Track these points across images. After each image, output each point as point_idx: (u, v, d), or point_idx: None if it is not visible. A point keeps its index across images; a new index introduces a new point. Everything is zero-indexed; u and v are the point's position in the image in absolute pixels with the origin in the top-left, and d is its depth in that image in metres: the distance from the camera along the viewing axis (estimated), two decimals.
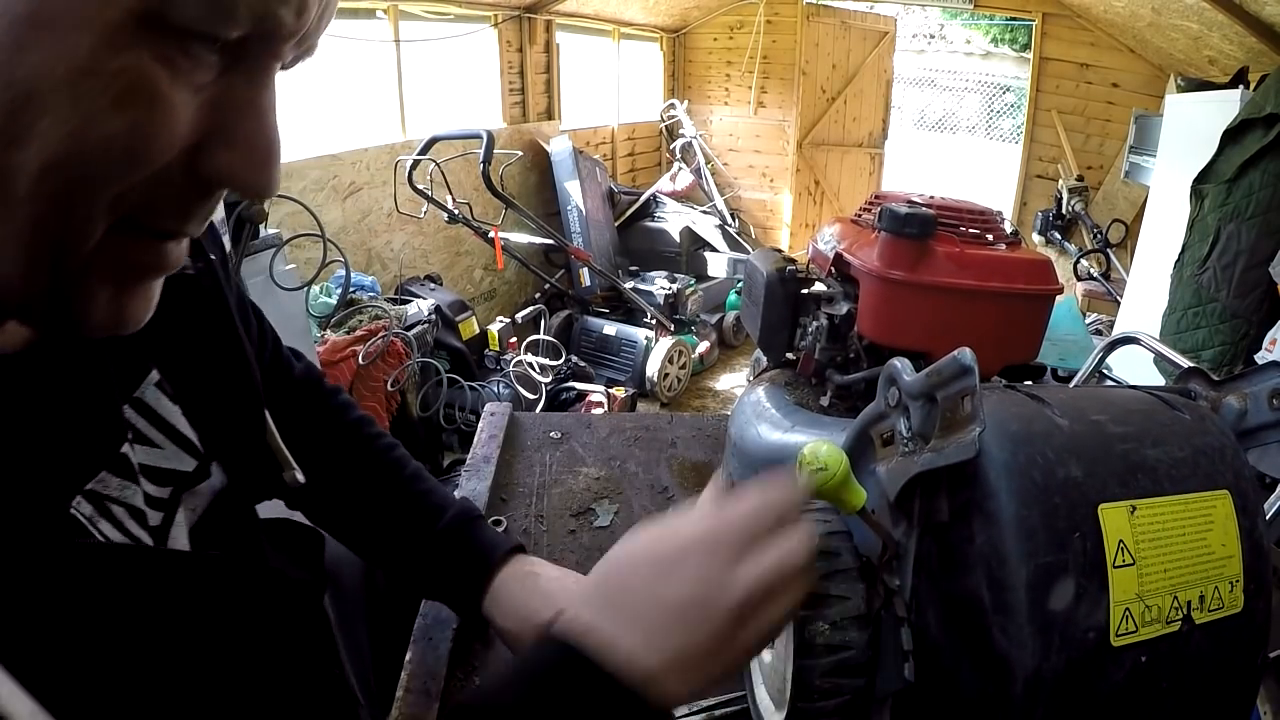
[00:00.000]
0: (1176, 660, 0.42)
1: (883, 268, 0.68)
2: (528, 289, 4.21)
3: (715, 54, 5.41)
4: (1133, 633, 0.40)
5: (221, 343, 0.50)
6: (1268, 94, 2.09)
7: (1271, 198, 2.03)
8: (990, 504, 0.41)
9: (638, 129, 5.31)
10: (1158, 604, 0.42)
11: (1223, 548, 0.44)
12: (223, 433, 0.48)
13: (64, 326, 0.31)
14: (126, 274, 0.32)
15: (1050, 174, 4.58)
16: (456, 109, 3.78)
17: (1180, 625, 0.42)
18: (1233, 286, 2.12)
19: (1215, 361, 2.13)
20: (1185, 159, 2.53)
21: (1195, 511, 0.44)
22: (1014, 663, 0.39)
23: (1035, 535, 0.40)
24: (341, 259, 2.20)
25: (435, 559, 0.63)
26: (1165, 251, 2.58)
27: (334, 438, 0.67)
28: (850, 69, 5.28)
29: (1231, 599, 0.44)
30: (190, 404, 0.46)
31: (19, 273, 0.28)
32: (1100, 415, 0.46)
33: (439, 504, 0.65)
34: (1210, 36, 3.06)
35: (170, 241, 0.33)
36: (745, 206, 5.56)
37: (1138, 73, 4.14)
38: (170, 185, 0.30)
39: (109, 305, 0.31)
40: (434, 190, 2.91)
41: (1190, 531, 0.44)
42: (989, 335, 0.69)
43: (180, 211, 0.31)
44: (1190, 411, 0.48)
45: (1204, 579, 0.44)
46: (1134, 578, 0.41)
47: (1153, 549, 0.42)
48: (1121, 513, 0.42)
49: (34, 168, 0.26)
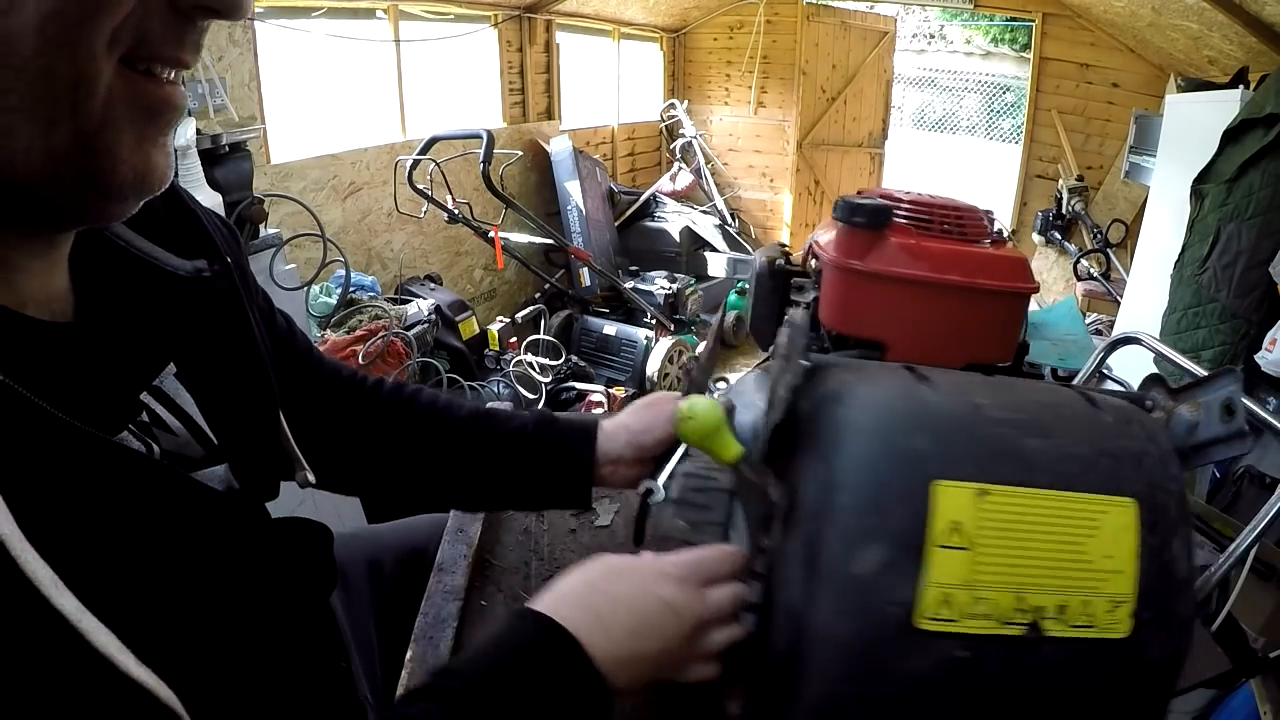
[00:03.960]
0: (1014, 670, 0.38)
1: (838, 256, 0.69)
2: (528, 289, 4.21)
3: (715, 54, 5.40)
4: (950, 621, 0.37)
5: (237, 343, 0.51)
6: (1268, 94, 2.09)
7: (1271, 198, 2.03)
8: (826, 463, 0.41)
9: (638, 129, 5.31)
10: (993, 599, 0.38)
11: (1108, 559, 0.39)
12: (235, 430, 0.49)
13: (95, 189, 0.33)
14: (142, 117, 0.34)
15: (1050, 174, 4.58)
16: (456, 109, 3.78)
17: (1024, 630, 0.38)
18: (1233, 286, 2.11)
19: (1215, 361, 2.13)
20: (1185, 159, 2.53)
21: (1075, 512, 0.39)
22: (808, 621, 0.39)
23: (855, 497, 0.39)
24: (341, 259, 2.20)
25: (545, 462, 0.67)
26: (1165, 251, 2.58)
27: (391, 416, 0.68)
28: (850, 69, 5.28)
29: (1110, 620, 0.38)
30: (205, 399, 0.47)
31: (40, 132, 0.31)
32: (986, 400, 0.43)
33: (518, 421, 0.69)
34: (1210, 36, 3.06)
35: (171, 81, 0.35)
36: (745, 206, 5.55)
37: (1138, 73, 4.14)
38: (156, 14, 0.32)
39: (133, 156, 0.34)
40: (434, 190, 2.90)
41: (1062, 532, 0.39)
42: (949, 330, 0.67)
43: (172, 38, 0.34)
44: (1116, 414, 0.44)
45: (1069, 588, 0.38)
46: (965, 563, 0.38)
47: (999, 538, 0.38)
48: (964, 493, 0.39)
49: (34, 22, 0.28)
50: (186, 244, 0.49)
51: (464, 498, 0.72)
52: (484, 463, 0.67)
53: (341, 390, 0.67)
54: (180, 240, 0.49)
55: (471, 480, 0.68)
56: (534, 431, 0.67)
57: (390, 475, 0.69)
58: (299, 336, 0.66)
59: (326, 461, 0.61)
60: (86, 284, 0.42)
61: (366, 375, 0.70)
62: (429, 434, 0.67)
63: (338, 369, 0.69)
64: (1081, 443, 0.42)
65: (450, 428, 0.68)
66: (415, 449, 0.67)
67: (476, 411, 0.69)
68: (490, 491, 0.69)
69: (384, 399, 0.68)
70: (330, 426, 0.65)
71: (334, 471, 0.65)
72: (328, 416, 0.65)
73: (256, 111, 2.52)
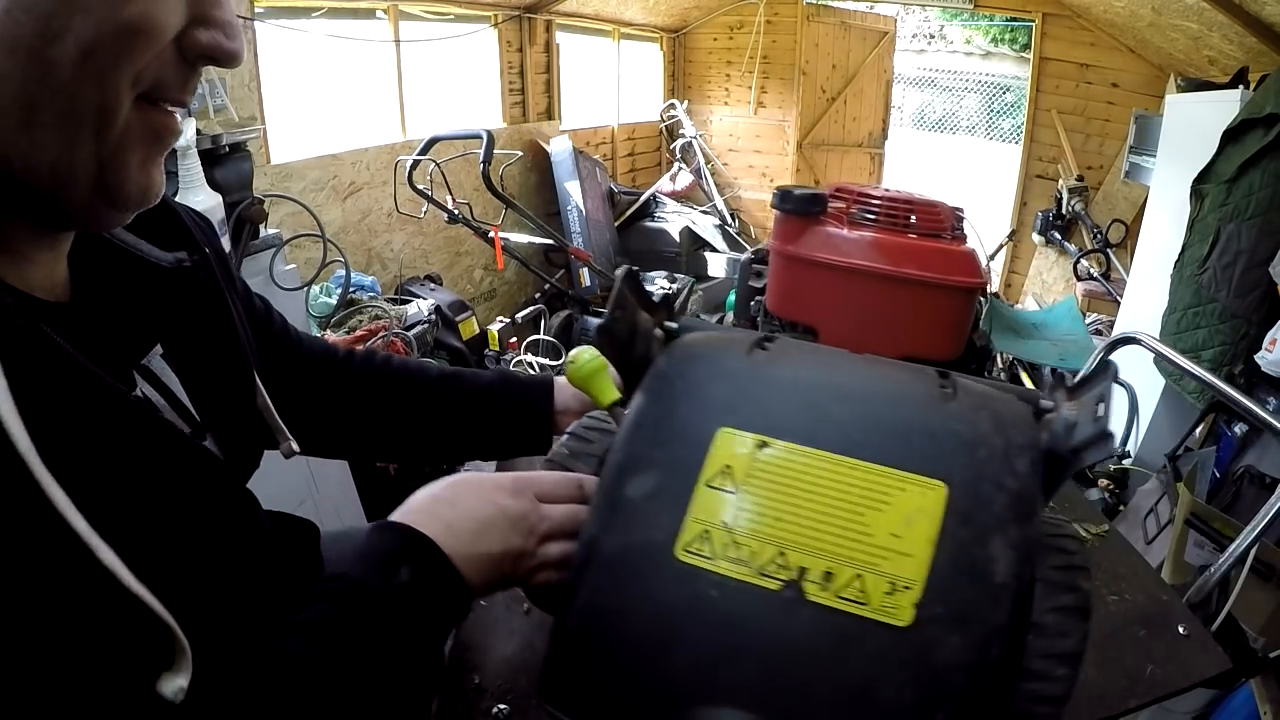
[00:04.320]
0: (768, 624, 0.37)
1: (774, 242, 0.71)
2: (528, 289, 4.21)
3: (715, 54, 5.40)
4: (707, 558, 0.38)
5: (217, 326, 0.56)
6: (1268, 94, 2.09)
7: (1271, 198, 2.03)
8: (636, 401, 0.45)
9: (638, 129, 5.31)
10: (752, 547, 0.38)
11: (894, 538, 0.37)
12: (217, 405, 0.54)
13: (105, 201, 0.39)
14: (149, 142, 0.40)
15: (1050, 174, 4.58)
16: (456, 109, 3.78)
17: (781, 586, 0.37)
18: (1233, 286, 2.11)
19: (1215, 361, 2.13)
20: (1185, 159, 2.53)
21: (862, 481, 0.38)
22: (589, 534, 0.42)
23: (646, 431, 0.43)
24: (341, 259, 2.20)
25: (511, 414, 0.75)
26: (1165, 251, 2.58)
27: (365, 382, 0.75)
28: (850, 69, 5.28)
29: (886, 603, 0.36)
30: (188, 377, 0.53)
31: (65, 148, 0.36)
32: (815, 368, 0.44)
33: (484, 379, 0.77)
34: (1210, 36, 3.06)
35: (175, 114, 0.41)
36: (745, 206, 5.55)
37: (1138, 73, 4.14)
38: (169, 64, 0.38)
39: (138, 173, 0.40)
40: (434, 190, 2.90)
41: (841, 498, 0.38)
42: (879, 320, 0.67)
43: (179, 82, 0.40)
44: (972, 402, 0.42)
45: (839, 556, 0.37)
46: (726, 505, 0.39)
47: (768, 489, 0.39)
48: (745, 441, 0.40)
49: (73, 55, 0.34)
50: (168, 238, 0.54)
51: (437, 450, 0.79)
52: (455, 417, 0.75)
53: (318, 363, 0.74)
54: (162, 235, 0.53)
55: (444, 433, 0.76)
56: (499, 387, 0.75)
57: (369, 435, 0.76)
58: (275, 317, 0.72)
59: (309, 429, 0.68)
60: (81, 274, 0.47)
61: (339, 348, 0.76)
62: (402, 395, 0.75)
63: (313, 344, 0.75)
64: (902, 419, 0.41)
65: (421, 388, 0.75)
66: (390, 409, 0.74)
67: (444, 372, 0.77)
68: (461, 442, 0.77)
69: (357, 367, 0.75)
70: (309, 396, 0.71)
71: (317, 437, 0.72)
72: (307, 387, 0.71)
73: (256, 112, 2.51)
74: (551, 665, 0.41)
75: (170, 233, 0.54)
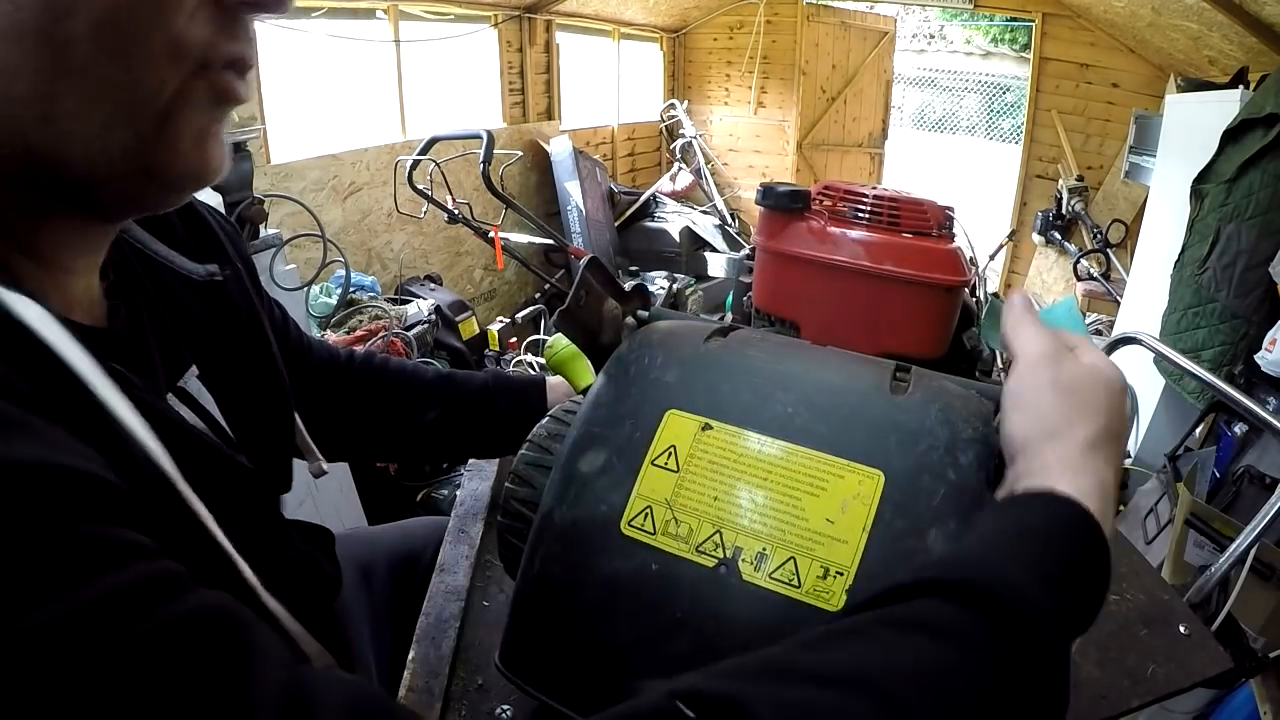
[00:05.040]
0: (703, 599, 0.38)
1: (759, 239, 0.71)
2: (528, 289, 4.21)
3: (715, 54, 5.40)
4: (649, 533, 0.40)
5: (252, 345, 0.53)
6: (1268, 94, 2.09)
7: (1271, 198, 2.03)
8: (597, 383, 0.47)
9: (638, 129, 5.31)
10: (690, 525, 0.39)
11: (828, 524, 0.37)
12: (253, 427, 0.51)
13: (154, 183, 0.35)
14: (203, 112, 0.35)
15: (1050, 174, 4.58)
16: (456, 109, 3.78)
17: (715, 564, 0.38)
18: (1233, 286, 2.11)
19: (1215, 361, 2.13)
20: (1185, 159, 2.53)
21: (799, 467, 0.39)
22: (540, 503, 0.43)
23: (602, 411, 0.44)
24: (341, 259, 2.20)
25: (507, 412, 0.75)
26: (1165, 251, 2.58)
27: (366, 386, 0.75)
28: (850, 69, 5.28)
29: (819, 586, 0.37)
30: (223, 398, 0.49)
31: (97, 134, 0.31)
32: (762, 355, 0.45)
33: (478, 379, 0.77)
34: (1210, 36, 3.06)
35: (233, 76, 0.36)
36: (745, 206, 5.55)
37: (1138, 73, 4.14)
38: (205, 20, 0.33)
39: (193, 149, 0.35)
40: (434, 190, 2.90)
41: (777, 482, 0.39)
42: (858, 316, 0.67)
43: (229, 37, 0.34)
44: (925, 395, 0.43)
45: (772, 539, 0.38)
46: (669, 484, 0.40)
47: (708, 470, 0.40)
48: (690, 424, 0.42)
49: (90, 30, 0.29)
50: (198, 248, 0.50)
51: (436, 450, 0.80)
52: (454, 418, 0.75)
53: (324, 368, 0.73)
54: (192, 244, 0.50)
55: (443, 434, 0.76)
56: (495, 388, 0.76)
57: (370, 437, 0.76)
58: (291, 324, 0.71)
59: (312, 432, 0.67)
60: (112, 287, 0.43)
61: (339, 351, 0.76)
62: (401, 397, 0.75)
63: (320, 349, 0.74)
64: (845, 409, 0.41)
65: (420, 390, 0.75)
66: (390, 412, 0.75)
67: (440, 374, 0.77)
68: (459, 442, 0.78)
69: (357, 371, 0.75)
70: (315, 401, 0.70)
71: (320, 440, 0.70)
72: (314, 393, 0.70)
73: (256, 111, 2.51)
74: (509, 634, 0.43)
75: (201, 242, 0.51)
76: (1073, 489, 0.37)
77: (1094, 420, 0.40)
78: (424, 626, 0.68)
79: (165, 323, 0.46)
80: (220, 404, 0.49)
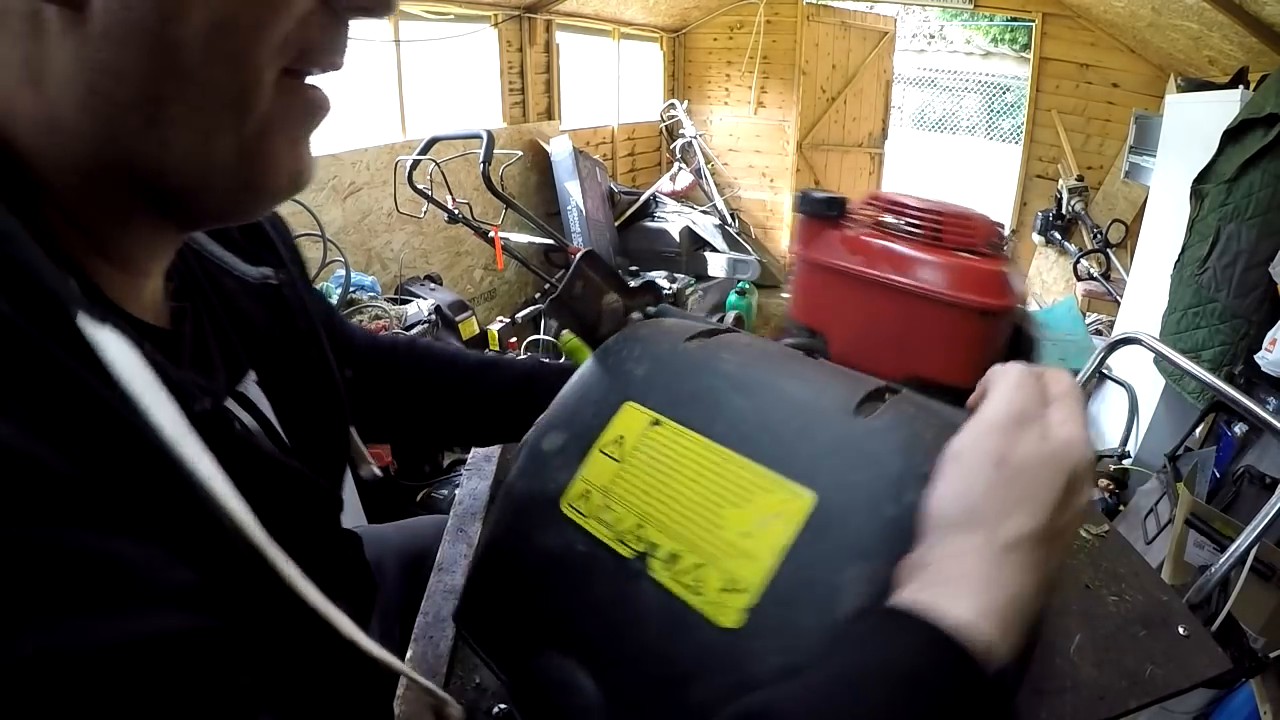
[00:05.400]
0: (616, 589, 0.38)
1: (794, 246, 0.70)
2: (528, 289, 4.21)
3: (715, 54, 5.40)
4: (582, 515, 0.41)
5: (306, 349, 0.52)
6: (1268, 94, 2.09)
7: (1271, 198, 2.03)
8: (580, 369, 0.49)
9: (638, 129, 5.31)
10: (619, 514, 0.40)
11: (744, 538, 0.36)
12: (308, 434, 0.51)
13: (250, 192, 0.34)
14: (297, 121, 0.35)
15: (1050, 174, 4.58)
16: (456, 109, 3.78)
17: (632, 555, 0.38)
18: (1233, 286, 2.11)
19: (1215, 361, 2.13)
20: (1185, 159, 2.53)
21: (731, 475, 0.38)
22: (508, 477, 0.46)
23: (570, 397, 0.47)
24: (341, 259, 2.20)
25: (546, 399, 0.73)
26: (1165, 251, 2.57)
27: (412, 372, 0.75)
28: (850, 69, 5.28)
29: (718, 599, 0.35)
30: (280, 405, 0.49)
31: (200, 141, 0.31)
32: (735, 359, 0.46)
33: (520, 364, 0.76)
34: (1210, 36, 3.06)
35: (322, 88, 0.36)
36: (745, 206, 5.55)
37: (1138, 73, 4.14)
38: (315, 23, 0.32)
39: (288, 157, 0.35)
40: (434, 190, 2.90)
41: (706, 487, 0.38)
42: (886, 333, 0.63)
43: (330, 45, 0.34)
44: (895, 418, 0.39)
45: (687, 542, 0.37)
46: (611, 471, 0.41)
47: (647, 464, 0.40)
48: (642, 417, 0.43)
49: (202, 33, 0.28)
50: (251, 250, 0.50)
51: (474, 434, 0.80)
52: (495, 403, 0.75)
53: (369, 355, 0.73)
54: (246, 246, 0.49)
55: (483, 419, 0.76)
56: (536, 374, 0.75)
57: (413, 422, 0.77)
58: (336, 316, 0.72)
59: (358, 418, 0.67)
60: (174, 288, 0.43)
61: (379, 337, 0.76)
62: (444, 382, 0.75)
63: (362, 336, 0.75)
64: (796, 423, 0.39)
65: (462, 375, 0.76)
66: (434, 397, 0.75)
67: (482, 360, 0.78)
68: (500, 427, 0.77)
69: (401, 356, 0.75)
70: (362, 388, 0.70)
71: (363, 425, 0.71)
72: (361, 380, 0.70)
73: None
74: (464, 591, 0.46)
75: (254, 243, 0.50)
76: (968, 610, 0.30)
77: (1032, 516, 0.33)
78: (422, 625, 0.68)
79: (224, 326, 0.45)
80: (277, 411, 0.48)
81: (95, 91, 0.29)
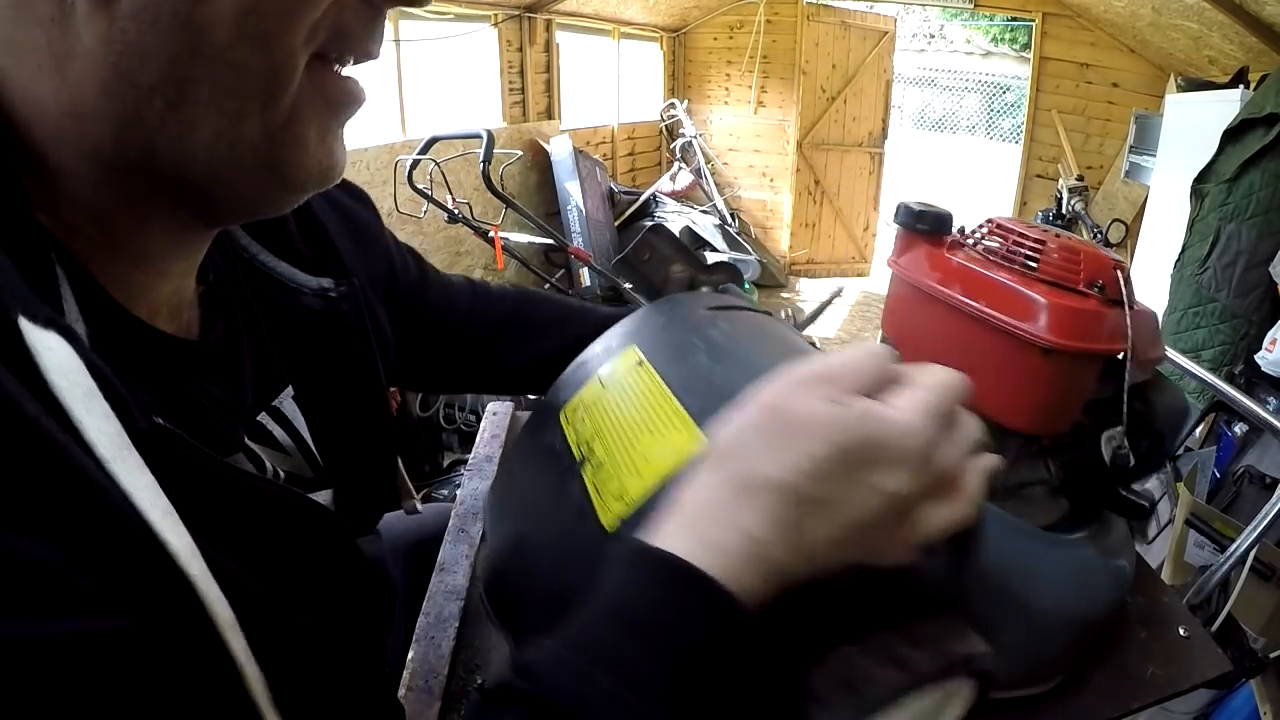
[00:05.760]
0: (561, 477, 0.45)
1: (889, 258, 0.68)
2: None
3: (715, 54, 5.40)
4: (566, 422, 0.48)
5: (356, 370, 0.50)
6: (1268, 94, 2.10)
7: (1271, 198, 2.03)
8: None
9: (638, 129, 5.31)
10: (585, 425, 0.46)
11: (644, 461, 0.42)
12: (345, 458, 0.48)
13: (277, 182, 0.33)
14: (327, 110, 0.34)
15: (1050, 174, 4.58)
16: (456, 109, 3.78)
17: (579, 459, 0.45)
18: (1233, 286, 2.12)
19: (1215, 361, 2.13)
20: (1185, 159, 2.53)
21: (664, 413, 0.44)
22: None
23: (613, 334, 0.52)
24: None
25: None
26: (1165, 251, 2.58)
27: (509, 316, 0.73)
28: (850, 69, 5.28)
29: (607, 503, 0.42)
30: (318, 424, 0.47)
31: (227, 126, 0.30)
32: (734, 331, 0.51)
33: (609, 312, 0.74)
34: (1210, 36, 3.06)
35: (354, 78, 0.35)
36: (745, 206, 5.55)
37: (1138, 73, 4.14)
38: (349, 7, 0.32)
39: (318, 148, 0.33)
40: (434, 190, 2.90)
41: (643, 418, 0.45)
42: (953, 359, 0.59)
43: (364, 30, 0.33)
44: None
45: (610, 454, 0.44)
46: (595, 394, 0.48)
47: (618, 393, 0.47)
48: (633, 357, 0.49)
49: (231, 14, 0.27)
50: (313, 258, 0.47)
51: None
52: None
53: (464, 302, 0.71)
54: (307, 255, 0.47)
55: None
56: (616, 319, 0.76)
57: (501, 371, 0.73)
58: (429, 272, 0.69)
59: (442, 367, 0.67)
60: (209, 295, 0.41)
61: (472, 281, 0.74)
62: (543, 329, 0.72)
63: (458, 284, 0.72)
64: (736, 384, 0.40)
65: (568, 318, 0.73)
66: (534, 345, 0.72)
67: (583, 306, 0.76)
68: None
69: (495, 301, 0.72)
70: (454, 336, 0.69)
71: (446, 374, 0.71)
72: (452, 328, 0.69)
73: None
74: None
75: (317, 252, 0.48)
76: (688, 539, 0.29)
77: (781, 467, 0.30)
78: (423, 626, 0.68)
79: (264, 339, 0.43)
80: (313, 429, 0.46)
81: (120, 74, 0.28)
